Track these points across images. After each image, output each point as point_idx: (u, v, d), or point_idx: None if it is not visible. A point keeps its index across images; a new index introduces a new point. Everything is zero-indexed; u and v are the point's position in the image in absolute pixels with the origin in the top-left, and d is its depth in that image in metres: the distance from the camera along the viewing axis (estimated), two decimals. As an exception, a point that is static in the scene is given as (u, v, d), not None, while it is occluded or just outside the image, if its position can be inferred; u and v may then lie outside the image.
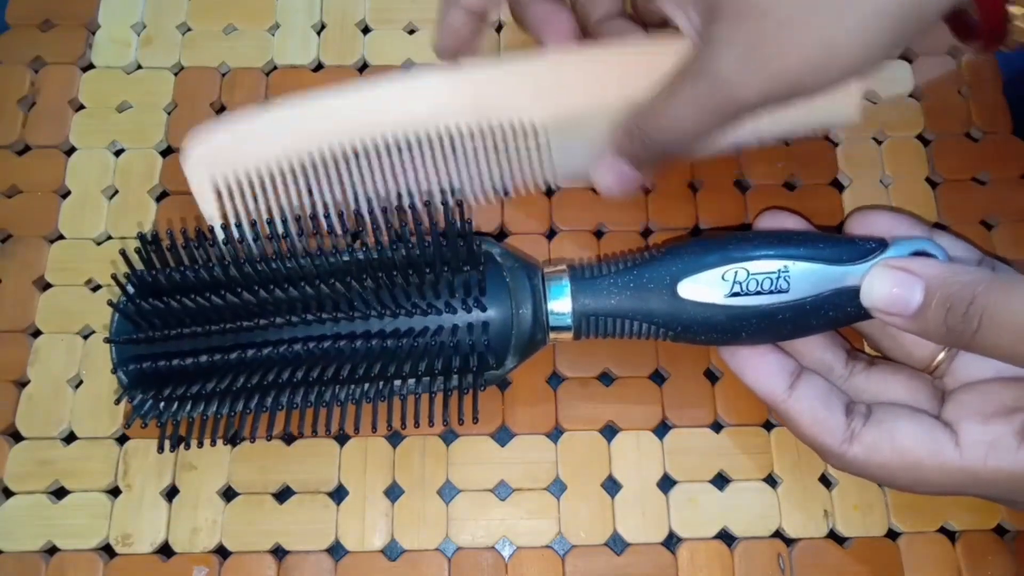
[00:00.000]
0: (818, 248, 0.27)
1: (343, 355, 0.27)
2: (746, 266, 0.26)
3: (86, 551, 0.29)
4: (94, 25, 0.37)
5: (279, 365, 0.27)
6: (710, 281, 0.27)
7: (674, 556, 0.29)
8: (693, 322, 0.27)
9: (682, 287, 0.27)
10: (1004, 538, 0.30)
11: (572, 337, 0.28)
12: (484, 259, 0.28)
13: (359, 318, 0.27)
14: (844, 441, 0.26)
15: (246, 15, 0.37)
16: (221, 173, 0.29)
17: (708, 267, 0.27)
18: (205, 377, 0.27)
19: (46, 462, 0.30)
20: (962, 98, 0.36)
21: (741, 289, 0.26)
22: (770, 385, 0.27)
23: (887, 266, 0.26)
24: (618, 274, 0.28)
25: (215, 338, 0.27)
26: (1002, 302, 0.24)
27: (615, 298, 0.27)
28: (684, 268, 0.27)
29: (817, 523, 0.30)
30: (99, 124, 0.35)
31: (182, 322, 0.27)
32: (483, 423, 0.31)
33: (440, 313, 0.27)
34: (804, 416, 0.27)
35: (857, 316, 0.27)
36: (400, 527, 0.30)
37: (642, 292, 0.27)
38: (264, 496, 0.30)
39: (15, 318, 0.32)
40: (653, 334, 0.28)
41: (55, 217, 0.33)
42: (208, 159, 0.29)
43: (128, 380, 0.28)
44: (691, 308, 0.27)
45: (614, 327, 0.28)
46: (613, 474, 0.30)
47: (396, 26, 0.37)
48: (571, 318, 0.28)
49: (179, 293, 0.27)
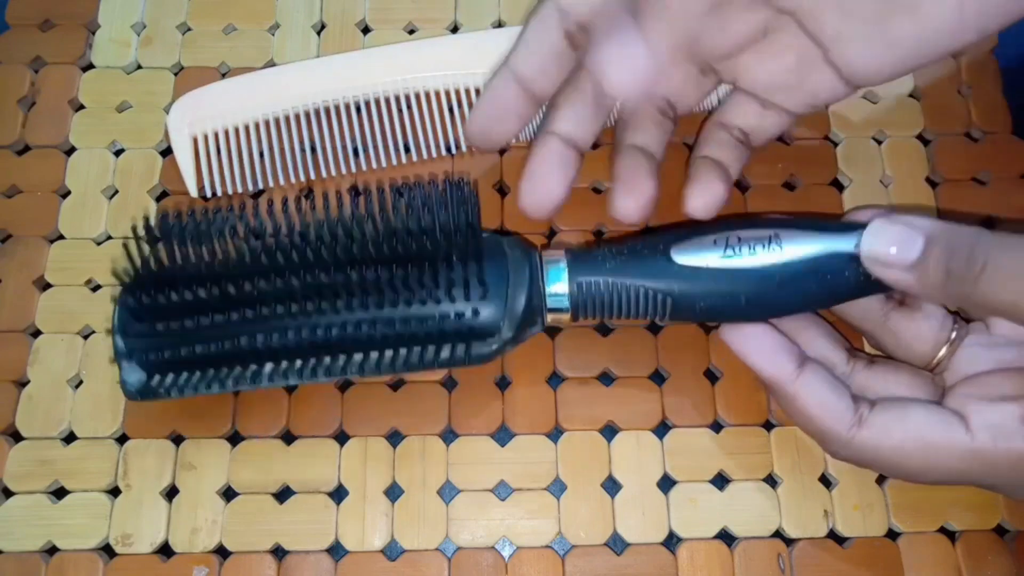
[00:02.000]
0: (807, 222, 0.27)
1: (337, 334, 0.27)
2: (738, 233, 0.27)
3: (86, 551, 0.29)
4: (94, 25, 0.37)
5: (279, 334, 0.27)
6: (703, 246, 0.27)
7: (674, 556, 0.29)
8: (690, 287, 0.27)
9: (676, 253, 0.27)
10: (1004, 538, 0.30)
11: (570, 317, 0.28)
12: (481, 235, 0.28)
13: (356, 299, 0.27)
14: (852, 426, 0.26)
15: (246, 15, 0.37)
16: (199, 126, 0.33)
17: (701, 233, 0.27)
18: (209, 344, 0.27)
19: (46, 462, 0.30)
20: (962, 98, 0.36)
21: (735, 252, 0.27)
22: (778, 365, 0.27)
23: (887, 219, 0.26)
24: (613, 247, 0.28)
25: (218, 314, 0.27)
26: (1006, 249, 0.23)
27: (610, 265, 0.27)
28: (677, 236, 0.27)
29: (817, 523, 0.30)
30: (99, 124, 0.35)
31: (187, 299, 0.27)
32: (483, 423, 0.31)
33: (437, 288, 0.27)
34: (812, 399, 0.26)
35: (857, 287, 0.27)
36: (400, 527, 0.30)
37: (637, 259, 0.27)
38: (264, 496, 0.30)
39: (15, 318, 0.32)
40: (652, 307, 0.27)
41: (55, 217, 0.33)
42: (187, 113, 0.33)
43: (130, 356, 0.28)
44: (687, 273, 0.27)
45: (612, 302, 0.28)
46: (613, 474, 0.30)
47: (396, 26, 0.37)
48: (568, 295, 0.28)
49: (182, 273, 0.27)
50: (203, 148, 0.34)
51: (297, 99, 0.34)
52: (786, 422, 0.31)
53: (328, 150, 0.34)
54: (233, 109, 0.34)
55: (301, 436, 0.31)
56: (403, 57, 0.34)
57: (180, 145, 0.33)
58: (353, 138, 0.34)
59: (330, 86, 0.34)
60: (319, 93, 0.34)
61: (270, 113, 0.34)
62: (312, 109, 0.34)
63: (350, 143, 0.34)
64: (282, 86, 0.34)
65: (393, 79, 0.34)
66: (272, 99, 0.34)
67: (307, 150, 0.34)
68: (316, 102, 0.34)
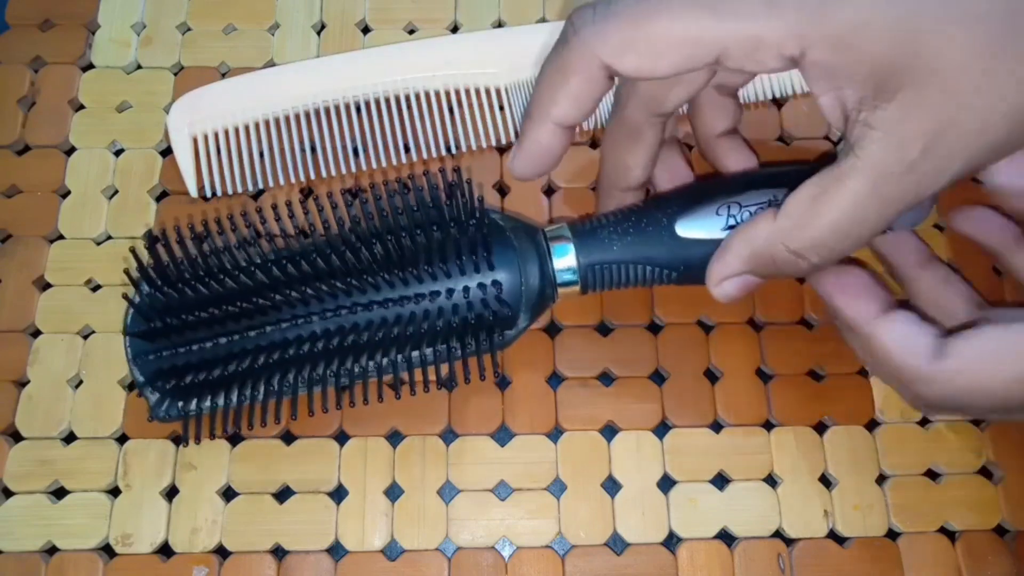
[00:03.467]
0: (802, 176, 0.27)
1: (359, 328, 0.27)
2: (738, 199, 0.27)
3: (86, 551, 0.29)
4: (94, 25, 0.37)
5: (296, 342, 0.27)
6: (706, 217, 0.27)
7: (674, 556, 0.29)
8: (695, 259, 0.27)
9: (680, 227, 0.27)
10: (1004, 538, 0.30)
11: (580, 291, 0.28)
12: (488, 221, 0.28)
13: (372, 289, 0.27)
14: (935, 358, 0.23)
15: (246, 15, 0.37)
16: (199, 126, 0.33)
17: (703, 204, 0.27)
18: (223, 362, 0.27)
19: (46, 462, 0.30)
20: (962, 98, 0.36)
21: (736, 221, 0.27)
22: (863, 304, 0.25)
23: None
24: (617, 223, 0.28)
25: (230, 324, 0.27)
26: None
27: (616, 245, 0.28)
28: (680, 209, 0.28)
29: (817, 523, 0.30)
30: (99, 124, 0.35)
31: (198, 311, 0.27)
32: (483, 423, 0.31)
33: (450, 277, 0.27)
34: (892, 335, 0.24)
35: None
36: (400, 527, 0.30)
37: (642, 236, 0.28)
38: (264, 496, 0.30)
39: (15, 318, 0.32)
40: (657, 278, 0.28)
41: (55, 217, 0.33)
42: (187, 113, 0.33)
43: (145, 377, 0.28)
44: (691, 246, 0.27)
45: (619, 275, 0.28)
46: (613, 474, 0.30)
47: (396, 26, 0.37)
48: (577, 272, 0.28)
49: (192, 285, 0.27)
50: (203, 148, 0.34)
51: (297, 99, 0.34)
52: (786, 422, 0.31)
53: (328, 150, 0.34)
54: (233, 109, 0.34)
55: (301, 436, 0.31)
56: (403, 57, 0.34)
57: (180, 145, 0.33)
58: (353, 138, 0.34)
59: (330, 86, 0.34)
60: (319, 93, 0.34)
61: (270, 113, 0.34)
62: (312, 109, 0.34)
63: (350, 143, 0.34)
64: (282, 86, 0.34)
65: (393, 79, 0.34)
66: (272, 99, 0.34)
67: (307, 150, 0.34)
68: (316, 102, 0.34)
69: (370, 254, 0.27)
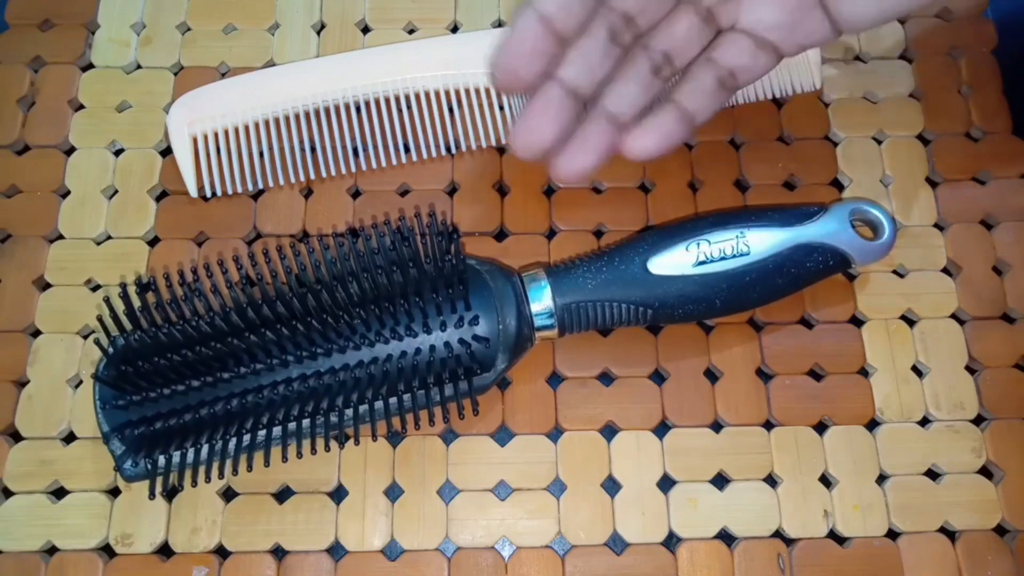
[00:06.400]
0: (767, 216, 0.29)
1: (340, 382, 0.27)
2: (707, 237, 0.29)
3: (86, 551, 0.29)
4: (94, 25, 0.37)
5: (277, 402, 0.27)
6: (677, 255, 0.29)
7: (674, 556, 0.29)
8: (668, 295, 0.29)
9: (652, 264, 0.29)
10: (1004, 538, 0.30)
11: (557, 334, 0.29)
12: (463, 268, 0.28)
13: (353, 344, 0.27)
14: None
15: (246, 15, 0.37)
16: (199, 126, 0.33)
17: (673, 243, 0.29)
18: (200, 425, 0.27)
19: (46, 462, 0.30)
20: (962, 98, 0.36)
21: (706, 257, 0.29)
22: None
23: None
24: (591, 263, 0.29)
25: (207, 388, 0.27)
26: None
27: (591, 284, 0.29)
28: (652, 247, 0.29)
29: (817, 523, 0.30)
30: (99, 124, 0.35)
31: (171, 376, 0.27)
32: (483, 423, 0.31)
33: (431, 331, 0.28)
34: None
35: (820, 271, 0.30)
36: (400, 527, 0.30)
37: (616, 274, 0.29)
38: (264, 496, 0.30)
39: (15, 318, 0.32)
40: (633, 317, 0.29)
41: (55, 217, 0.33)
42: (187, 113, 0.33)
43: (114, 434, 0.28)
44: (664, 282, 0.29)
45: (595, 315, 0.29)
46: (613, 474, 0.30)
47: (396, 26, 0.37)
48: (554, 315, 0.29)
49: (167, 348, 0.27)
50: (203, 148, 0.34)
51: (297, 99, 0.34)
52: (786, 422, 0.31)
53: (328, 150, 0.34)
54: (233, 109, 0.34)
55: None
56: (403, 57, 0.34)
57: (180, 145, 0.33)
58: (353, 138, 0.34)
59: (330, 86, 0.34)
60: (319, 93, 0.34)
61: (270, 113, 0.34)
62: (312, 109, 0.34)
63: (350, 143, 0.34)
64: (282, 86, 0.34)
65: (393, 79, 0.34)
66: (272, 99, 0.34)
67: (307, 150, 0.34)
68: (316, 102, 0.34)
69: (345, 300, 0.27)
